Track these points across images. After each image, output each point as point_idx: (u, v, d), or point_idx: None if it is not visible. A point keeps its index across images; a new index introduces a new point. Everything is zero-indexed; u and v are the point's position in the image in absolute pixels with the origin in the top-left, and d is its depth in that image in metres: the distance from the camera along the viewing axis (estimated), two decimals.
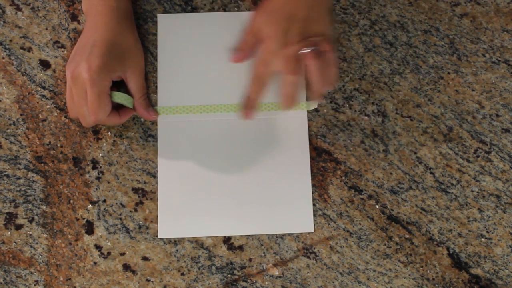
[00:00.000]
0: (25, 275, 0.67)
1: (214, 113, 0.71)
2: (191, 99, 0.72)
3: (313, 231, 0.69)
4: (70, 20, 0.74)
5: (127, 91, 0.70)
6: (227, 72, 0.73)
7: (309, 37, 0.65)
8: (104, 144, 0.71)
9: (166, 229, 0.69)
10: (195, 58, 0.73)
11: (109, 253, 0.68)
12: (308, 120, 0.72)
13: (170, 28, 0.73)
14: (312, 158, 0.71)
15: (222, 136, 0.71)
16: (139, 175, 0.70)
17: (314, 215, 0.69)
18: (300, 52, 0.65)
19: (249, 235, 0.69)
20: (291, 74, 0.65)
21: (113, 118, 0.69)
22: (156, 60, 0.73)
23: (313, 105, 0.72)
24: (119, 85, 0.70)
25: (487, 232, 0.70)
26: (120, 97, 0.68)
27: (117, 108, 0.69)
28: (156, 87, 0.72)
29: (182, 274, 0.68)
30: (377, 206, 0.70)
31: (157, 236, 0.68)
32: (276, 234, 0.69)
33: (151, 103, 0.72)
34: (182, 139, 0.71)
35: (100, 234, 0.69)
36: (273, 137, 0.71)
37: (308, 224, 0.69)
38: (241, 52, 0.72)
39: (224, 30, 0.74)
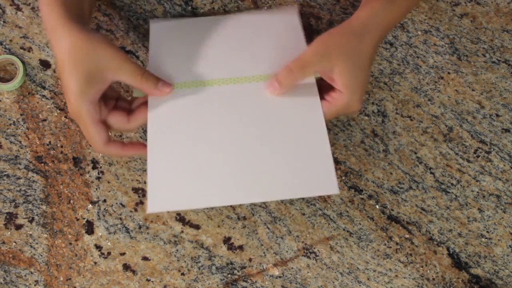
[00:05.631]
0: (25, 275, 0.67)
1: (211, 86, 0.65)
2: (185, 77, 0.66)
3: (338, 192, 0.59)
4: None
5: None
6: (221, 68, 0.69)
7: None
8: None
9: (157, 201, 0.58)
10: (187, 62, 0.69)
11: (109, 253, 0.68)
12: None
13: (162, 35, 0.71)
14: None
15: (221, 104, 0.64)
16: (139, 175, 0.70)
17: (314, 215, 0.69)
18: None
19: (249, 235, 0.69)
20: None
21: (121, 124, 0.62)
22: None
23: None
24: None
25: (487, 232, 0.70)
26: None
27: (128, 113, 0.63)
28: None
29: (182, 274, 0.68)
30: (377, 206, 0.70)
31: (157, 235, 0.68)
32: (276, 234, 0.69)
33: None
34: (175, 107, 0.63)
35: (100, 234, 0.69)
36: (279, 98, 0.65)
37: (332, 184, 0.59)
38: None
39: (214, 33, 0.70)
